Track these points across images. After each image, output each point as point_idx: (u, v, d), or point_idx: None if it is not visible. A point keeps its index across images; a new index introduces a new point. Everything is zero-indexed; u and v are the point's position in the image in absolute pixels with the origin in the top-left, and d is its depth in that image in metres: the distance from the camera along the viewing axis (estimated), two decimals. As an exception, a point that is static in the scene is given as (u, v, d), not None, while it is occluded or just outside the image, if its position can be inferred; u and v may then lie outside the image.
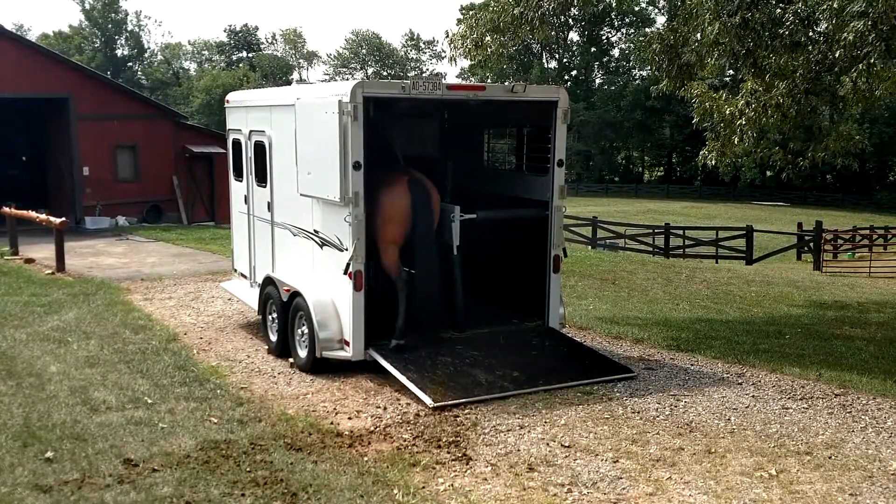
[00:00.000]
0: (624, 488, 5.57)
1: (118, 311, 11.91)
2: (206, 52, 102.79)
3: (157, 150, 29.11)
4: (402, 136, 10.05)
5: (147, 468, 5.77)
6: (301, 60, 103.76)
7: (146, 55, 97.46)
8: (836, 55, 10.99)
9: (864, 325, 13.17)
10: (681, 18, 12.66)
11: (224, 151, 31.44)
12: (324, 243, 8.78)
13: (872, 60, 10.46)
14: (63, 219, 16.98)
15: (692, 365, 9.18)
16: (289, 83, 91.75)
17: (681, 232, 30.44)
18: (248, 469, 5.78)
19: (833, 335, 11.75)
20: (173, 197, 29.72)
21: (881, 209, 63.13)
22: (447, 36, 14.42)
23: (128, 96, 30.20)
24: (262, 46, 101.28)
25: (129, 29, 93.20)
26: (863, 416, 7.16)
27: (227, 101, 11.68)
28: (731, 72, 13.48)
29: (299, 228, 9.38)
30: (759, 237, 28.67)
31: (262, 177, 10.38)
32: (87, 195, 27.18)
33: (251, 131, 10.60)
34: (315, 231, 8.96)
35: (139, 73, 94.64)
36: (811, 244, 28.07)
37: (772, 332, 11.87)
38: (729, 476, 5.79)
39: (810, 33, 12.08)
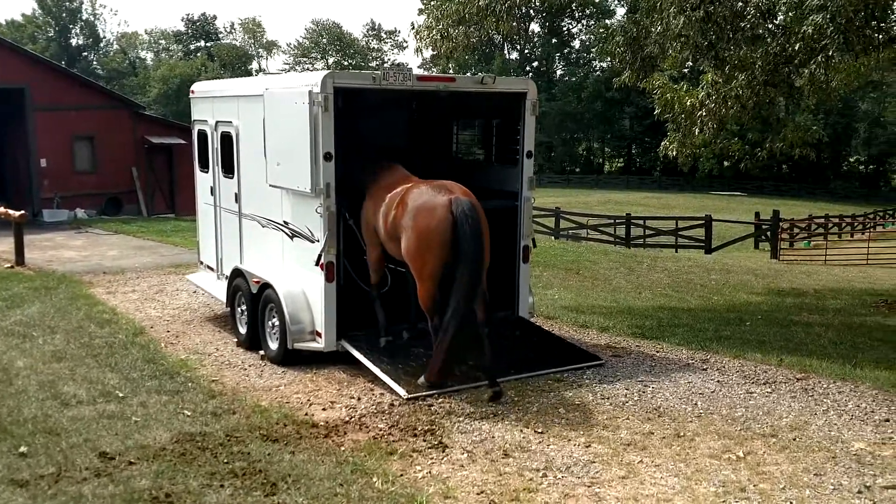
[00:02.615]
0: (597, 472, 5.70)
1: (82, 305, 11.77)
2: (163, 42, 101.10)
3: (116, 141, 28.62)
4: (371, 127, 10.05)
5: (123, 461, 5.75)
6: (260, 50, 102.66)
7: (102, 45, 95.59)
8: (796, 48, 11.23)
9: (822, 312, 13.50)
10: (643, 11, 12.83)
11: (184, 142, 31.19)
12: (294, 234, 8.76)
13: (831, 53, 10.69)
14: (22, 212, 16.67)
15: (657, 352, 9.36)
16: (248, 73, 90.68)
17: (641, 222, 30.84)
18: (225, 461, 5.79)
19: (792, 322, 12.04)
20: (133, 189, 29.27)
21: (836, 198, 64.54)
22: (413, 28, 14.43)
23: (86, 87, 29.68)
24: (220, 36, 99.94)
25: (83, 18, 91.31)
26: (824, 400, 7.38)
27: (192, 92, 11.56)
28: (690, 63, 13.67)
29: (268, 220, 9.34)
30: (717, 226, 29.15)
31: (229, 168, 10.30)
32: (45, 187, 26.69)
33: (217, 122, 10.51)
34: (285, 222, 8.94)
35: (95, 62, 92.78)
36: (768, 233, 28.62)
37: (733, 319, 12.13)
38: (698, 458, 5.95)
39: (769, 26, 12.34)
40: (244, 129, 9.78)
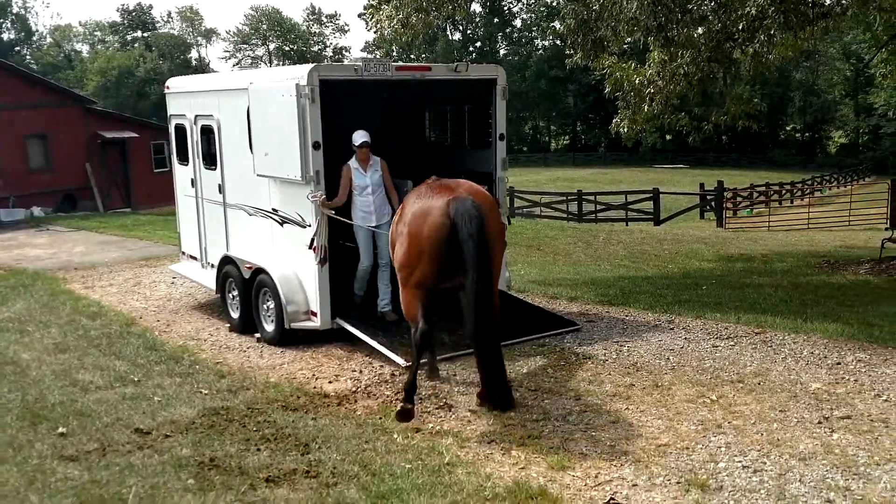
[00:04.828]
0: (590, 419, 6.37)
1: (66, 300, 12.03)
2: (98, 33, 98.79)
3: (68, 138, 28.52)
4: (347, 115, 10.49)
5: (160, 435, 6.22)
6: (199, 38, 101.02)
7: (34, 38, 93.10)
8: (740, 27, 12.00)
9: (770, 274, 14.43)
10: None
11: (137, 136, 30.98)
12: (284, 221, 9.21)
13: (773, 32, 11.48)
14: (-12, 212, 16.74)
15: (626, 316, 10.07)
16: (188, 62, 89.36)
17: (592, 198, 31.73)
18: (254, 429, 6.31)
19: (744, 284, 12.89)
20: (87, 185, 29.18)
21: (775, 166, 66.62)
22: (372, 17, 14.83)
23: (35, 84, 29.45)
24: (157, 25, 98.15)
25: (14, 12, 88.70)
26: (782, 349, 8.17)
27: (168, 88, 11.86)
28: (630, 39, 14.31)
29: (256, 208, 9.76)
30: (664, 199, 30.13)
31: (210, 160, 10.67)
32: (0, 187, 26.48)
33: (197, 116, 10.85)
34: (274, 210, 9.38)
35: (28, 56, 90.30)
36: (712, 203, 29.71)
37: (689, 284, 12.94)
38: (677, 403, 6.66)
39: (712, 4, 13.08)
40: (226, 121, 10.16)
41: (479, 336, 6.41)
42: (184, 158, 11.49)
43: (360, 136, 8.79)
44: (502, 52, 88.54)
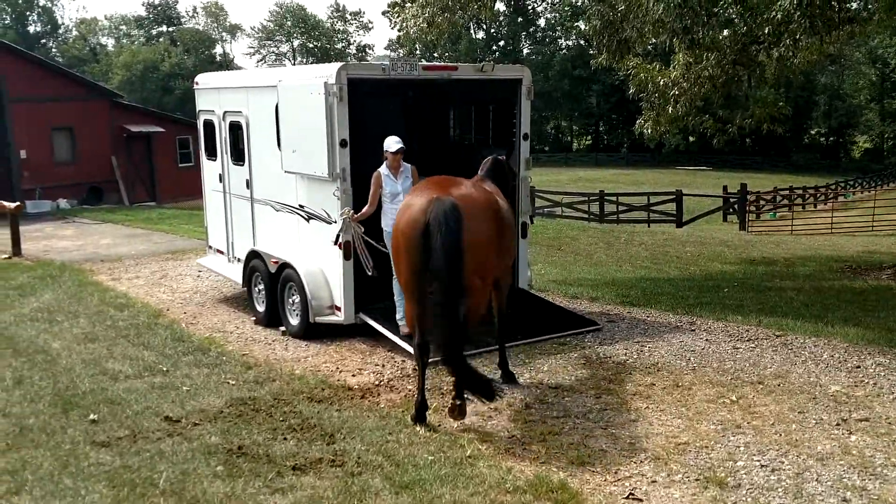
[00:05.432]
0: (610, 417, 6.46)
1: (93, 291, 12.25)
2: (123, 27, 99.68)
3: (94, 131, 28.87)
4: (372, 113, 10.59)
5: (188, 423, 6.39)
6: (224, 34, 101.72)
7: (60, 31, 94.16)
8: (766, 31, 12.01)
9: (793, 278, 14.39)
10: (620, -3, 13.46)
11: (162, 130, 31.31)
12: (310, 217, 9.36)
13: (798, 36, 11.48)
14: (17, 203, 17.00)
15: (648, 317, 10.13)
16: (212, 58, 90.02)
17: (614, 198, 31.70)
18: (281, 419, 6.46)
19: (766, 287, 12.88)
20: (113, 178, 29.53)
21: (798, 170, 66.16)
22: (397, 15, 14.97)
23: (63, 76, 29.86)
24: (182, 20, 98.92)
25: (41, 4, 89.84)
26: (802, 352, 8.21)
27: (196, 84, 12.03)
28: (655, 41, 14.34)
29: (283, 204, 9.91)
30: (686, 201, 30.05)
31: (238, 156, 10.84)
32: (26, 179, 26.88)
33: (225, 112, 11.02)
34: (301, 206, 9.53)
35: (53, 49, 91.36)
36: (736, 206, 29.60)
37: (711, 286, 12.94)
38: (697, 403, 6.73)
39: (739, 7, 13.09)
40: (254, 118, 10.32)
41: (442, 345, 6.13)
42: (212, 154, 11.67)
43: (395, 143, 8.48)
44: (526, 51, 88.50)
